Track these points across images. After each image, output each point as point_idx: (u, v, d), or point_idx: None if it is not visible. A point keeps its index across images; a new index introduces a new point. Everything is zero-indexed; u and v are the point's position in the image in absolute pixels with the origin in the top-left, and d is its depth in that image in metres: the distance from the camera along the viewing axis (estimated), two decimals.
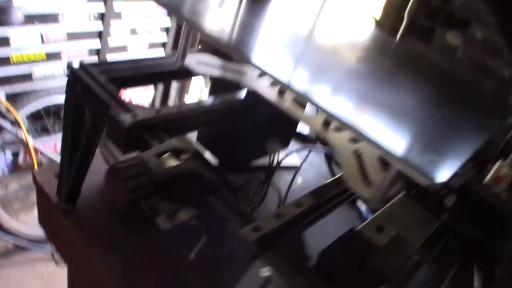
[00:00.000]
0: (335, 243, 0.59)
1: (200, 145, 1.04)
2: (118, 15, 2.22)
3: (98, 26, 2.18)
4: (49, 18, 2.03)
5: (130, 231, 0.83)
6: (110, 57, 2.23)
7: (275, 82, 0.73)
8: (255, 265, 0.46)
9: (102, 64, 0.76)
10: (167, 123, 0.66)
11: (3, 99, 2.03)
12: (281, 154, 0.93)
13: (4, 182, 2.29)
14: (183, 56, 0.70)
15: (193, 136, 1.07)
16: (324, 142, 0.94)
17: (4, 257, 2.22)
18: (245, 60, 0.54)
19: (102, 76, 0.72)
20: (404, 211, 0.73)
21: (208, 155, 1.03)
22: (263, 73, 0.75)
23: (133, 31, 2.34)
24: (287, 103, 0.68)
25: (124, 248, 0.79)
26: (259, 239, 0.49)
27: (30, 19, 1.95)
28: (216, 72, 0.72)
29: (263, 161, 1.07)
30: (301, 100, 0.68)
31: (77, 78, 0.72)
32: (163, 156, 0.54)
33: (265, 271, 0.45)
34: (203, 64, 0.72)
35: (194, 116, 0.69)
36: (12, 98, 2.06)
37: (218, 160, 1.03)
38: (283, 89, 0.70)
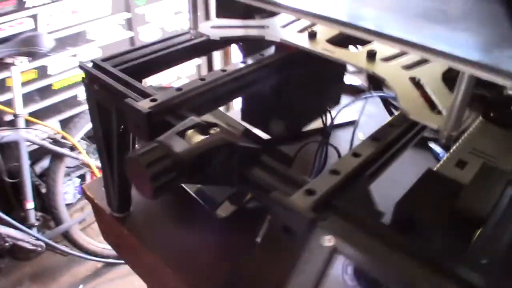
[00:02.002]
0: (412, 191, 0.49)
1: (247, 124, 0.97)
2: (144, 18, 2.20)
3: (128, 33, 2.17)
4: (79, 38, 2.03)
5: (188, 227, 0.79)
6: None
7: (303, 28, 0.64)
8: (315, 236, 0.38)
9: (115, 56, 0.70)
10: (191, 100, 0.58)
11: (58, 128, 2.07)
12: (334, 112, 0.83)
13: (79, 205, 2.36)
14: (195, 25, 0.62)
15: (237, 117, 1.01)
16: (377, 87, 0.84)
17: (96, 276, 2.30)
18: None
19: (116, 69, 0.66)
20: (485, 139, 0.62)
21: (257, 132, 0.96)
22: (287, 23, 0.66)
23: (163, 30, 2.31)
24: (320, 46, 0.58)
25: (183, 245, 0.75)
26: (314, 204, 0.40)
27: (61, 43, 1.96)
28: (235, 33, 0.63)
29: (317, 124, 0.98)
30: (337, 38, 0.59)
31: (92, 77, 0.67)
32: (187, 134, 0.46)
33: (327, 240, 0.37)
34: (219, 27, 0.64)
35: (220, 87, 0.61)
36: (65, 124, 2.10)
37: (269, 135, 0.96)
38: (313, 32, 0.61)
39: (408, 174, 0.54)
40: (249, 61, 0.65)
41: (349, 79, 1.14)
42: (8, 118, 1.96)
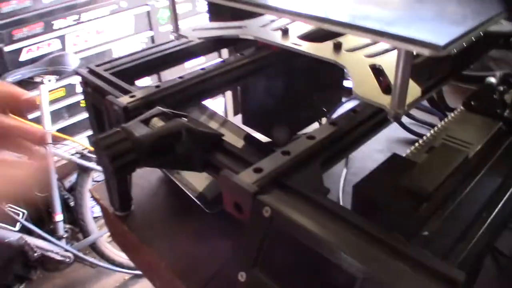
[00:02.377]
0: (372, 174, 0.51)
1: (248, 128, 1.00)
2: (167, 35, 2.28)
3: None
4: (105, 56, 2.13)
5: (185, 225, 0.82)
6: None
7: (278, 27, 0.66)
8: (256, 208, 0.40)
9: (109, 62, 0.75)
10: (169, 97, 0.62)
11: (86, 143, 2.16)
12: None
13: None
14: (177, 28, 0.66)
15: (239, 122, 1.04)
16: None
17: (124, 287, 2.35)
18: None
19: (107, 73, 0.70)
20: (463, 127, 0.62)
21: (258, 136, 0.99)
22: (265, 23, 0.69)
23: None
24: (290, 41, 0.61)
25: (179, 241, 0.78)
26: (260, 180, 0.42)
27: (88, 61, 2.06)
28: (213, 34, 0.67)
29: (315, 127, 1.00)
30: (309, 34, 0.61)
31: (86, 81, 0.71)
32: (152, 121, 0.50)
33: (265, 211, 0.39)
34: (199, 30, 0.68)
35: (197, 85, 0.64)
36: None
37: (270, 138, 0.98)
38: (285, 29, 0.63)
39: None
40: (229, 60, 0.68)
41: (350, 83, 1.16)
42: None
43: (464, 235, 0.39)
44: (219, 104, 2.67)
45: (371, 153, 0.98)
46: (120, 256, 2.25)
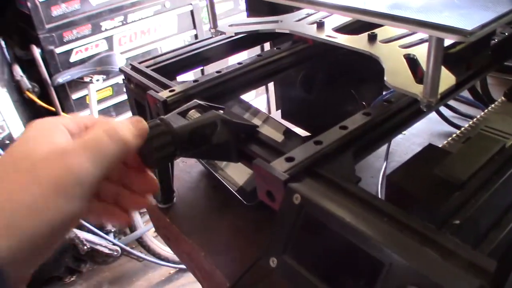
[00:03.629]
0: (406, 164, 0.50)
1: (288, 123, 1.01)
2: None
3: None
4: (150, 56, 2.18)
5: (223, 216, 0.84)
6: None
7: (313, 20, 0.67)
8: (287, 195, 0.41)
9: (150, 59, 0.78)
10: (207, 90, 0.64)
11: None
12: None
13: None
14: (215, 24, 0.68)
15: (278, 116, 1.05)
16: None
17: (169, 281, 2.41)
18: None
19: (149, 69, 0.73)
20: (503, 118, 0.61)
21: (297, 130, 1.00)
22: (301, 18, 0.70)
23: None
24: (325, 33, 0.61)
25: (217, 232, 0.80)
26: (291, 169, 0.43)
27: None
28: (249, 28, 0.68)
29: None
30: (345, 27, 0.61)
31: (129, 77, 0.74)
32: (189, 113, 0.52)
33: (295, 198, 0.40)
34: (236, 25, 0.69)
35: (234, 79, 0.65)
36: None
37: (309, 132, 0.99)
38: (321, 22, 0.64)
39: None
40: (265, 54, 0.69)
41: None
42: None
43: (497, 224, 0.39)
44: (263, 99, 2.70)
45: (412, 147, 0.96)
46: (166, 250, 2.30)
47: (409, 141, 1.01)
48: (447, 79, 0.46)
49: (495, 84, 1.06)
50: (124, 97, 2.17)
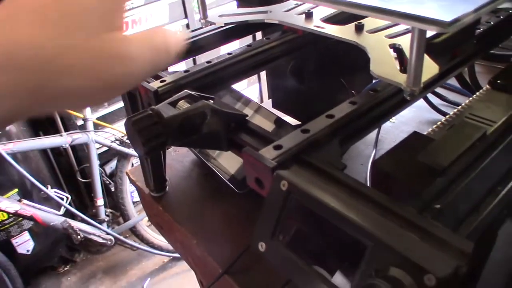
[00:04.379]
0: (391, 151, 0.52)
1: (278, 112, 1.02)
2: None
3: None
4: None
5: (215, 204, 0.85)
6: None
7: (302, 11, 0.68)
8: (275, 182, 0.42)
9: None
10: (198, 81, 0.64)
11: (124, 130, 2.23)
12: None
13: None
14: (204, 14, 0.69)
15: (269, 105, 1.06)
16: None
17: (162, 270, 2.44)
18: None
19: None
20: (487, 105, 0.63)
21: (288, 119, 1.01)
22: (290, 8, 0.71)
23: None
24: (313, 23, 0.62)
25: (209, 220, 0.81)
26: (279, 156, 0.45)
27: None
28: (239, 19, 0.69)
29: None
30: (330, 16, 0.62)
31: None
32: (179, 103, 0.53)
33: (282, 185, 0.41)
34: (226, 15, 0.70)
35: (224, 69, 0.66)
36: None
37: (299, 121, 1.00)
38: (309, 12, 0.65)
39: None
40: (255, 45, 0.70)
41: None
42: (79, 122, 2.15)
43: (476, 208, 0.41)
44: (255, 88, 2.71)
45: (401, 135, 0.98)
46: (159, 239, 2.33)
47: (398, 129, 1.03)
48: (430, 68, 0.47)
49: (483, 72, 1.07)
50: None
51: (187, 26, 2.31)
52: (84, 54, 0.29)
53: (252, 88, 2.79)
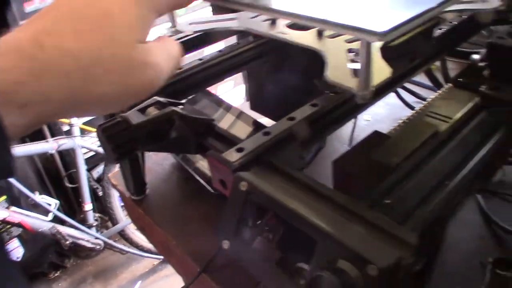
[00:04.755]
0: (351, 150, 0.55)
1: (256, 114, 1.05)
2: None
3: None
4: None
5: (193, 207, 0.87)
6: None
7: (266, 18, 0.70)
8: (236, 182, 0.45)
9: None
10: (169, 86, 0.67)
11: None
12: None
13: None
14: (174, 22, 0.71)
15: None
16: None
17: (152, 272, 2.45)
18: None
19: None
20: (448, 103, 0.66)
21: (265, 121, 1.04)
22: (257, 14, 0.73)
23: None
24: (277, 30, 0.65)
25: (187, 221, 0.84)
26: (241, 158, 0.47)
27: None
28: (207, 26, 0.71)
29: None
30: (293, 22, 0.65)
31: None
32: (148, 110, 0.55)
33: (242, 186, 0.44)
34: (195, 23, 0.72)
35: (195, 74, 0.69)
36: None
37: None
38: (274, 19, 0.67)
39: None
40: (225, 51, 0.73)
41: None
42: (65, 128, 2.16)
43: (424, 202, 0.43)
44: (241, 88, 2.74)
45: None
46: (148, 242, 2.34)
47: (373, 127, 1.05)
48: (382, 72, 0.49)
49: (456, 69, 1.10)
50: None
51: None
52: (115, 63, 0.32)
53: (238, 89, 2.81)
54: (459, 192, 0.45)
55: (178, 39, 0.75)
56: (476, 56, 0.69)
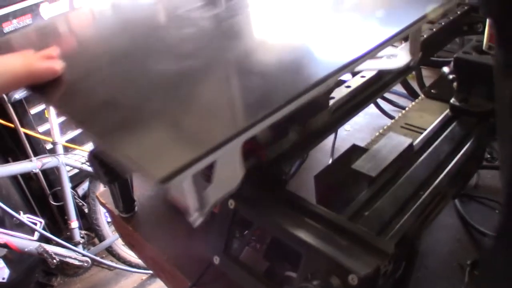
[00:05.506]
0: (332, 163, 0.58)
1: None
2: None
3: None
4: None
5: (181, 223, 0.89)
6: None
7: None
8: (224, 201, 0.47)
9: None
10: None
11: None
12: None
13: None
14: None
15: None
16: None
17: (142, 287, 2.44)
18: None
19: None
20: (420, 114, 0.69)
21: None
22: None
23: None
24: None
25: (177, 237, 0.85)
26: None
27: None
28: None
29: None
30: None
31: None
32: None
33: (230, 204, 0.46)
34: None
35: None
36: None
37: None
38: None
39: None
40: None
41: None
42: (48, 146, 2.16)
43: (399, 212, 0.46)
44: None
45: (357, 142, 1.04)
46: (136, 257, 2.33)
47: (353, 136, 1.09)
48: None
49: (431, 76, 1.14)
50: None
51: None
52: None
53: None
54: (433, 201, 0.48)
55: None
56: (446, 69, 0.73)
